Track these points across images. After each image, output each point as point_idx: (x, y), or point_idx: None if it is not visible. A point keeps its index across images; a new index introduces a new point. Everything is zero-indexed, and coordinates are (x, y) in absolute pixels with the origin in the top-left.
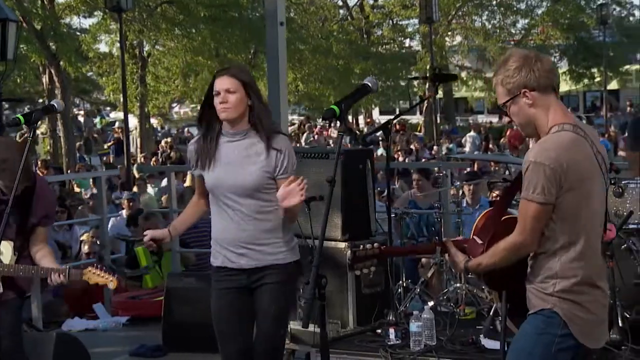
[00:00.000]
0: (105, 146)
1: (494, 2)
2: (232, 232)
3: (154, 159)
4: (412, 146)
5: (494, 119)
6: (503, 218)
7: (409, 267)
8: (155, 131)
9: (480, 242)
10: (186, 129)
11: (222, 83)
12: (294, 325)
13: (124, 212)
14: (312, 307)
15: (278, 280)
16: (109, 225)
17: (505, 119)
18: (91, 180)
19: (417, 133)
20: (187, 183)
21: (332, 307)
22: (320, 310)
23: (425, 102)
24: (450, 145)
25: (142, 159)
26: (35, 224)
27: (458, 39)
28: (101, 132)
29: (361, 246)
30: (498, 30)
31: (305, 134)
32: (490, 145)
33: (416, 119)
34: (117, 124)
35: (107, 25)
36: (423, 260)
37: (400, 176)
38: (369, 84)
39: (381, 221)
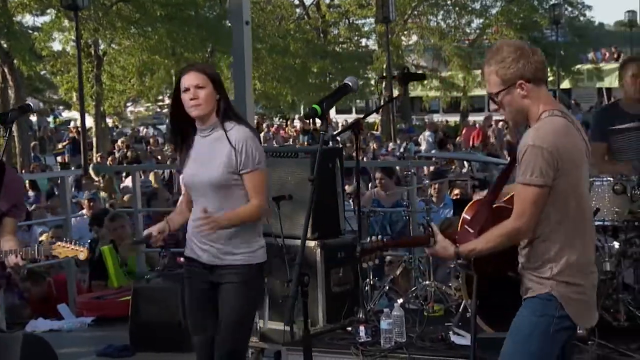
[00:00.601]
0: (60, 145)
1: (449, 2)
2: (196, 223)
3: (110, 158)
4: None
5: (449, 118)
6: (495, 206)
7: (375, 265)
8: (111, 130)
9: (471, 231)
10: (141, 128)
11: (191, 79)
12: (263, 325)
13: (85, 212)
14: (295, 305)
15: (237, 280)
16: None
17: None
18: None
19: (374, 132)
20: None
21: (300, 306)
22: (303, 308)
23: (383, 101)
24: (408, 145)
25: (99, 159)
26: (4, 213)
27: (414, 38)
28: (55, 131)
29: (368, 239)
30: (453, 30)
31: (263, 133)
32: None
33: (372, 118)
34: (72, 124)
35: (60, 23)
36: (388, 258)
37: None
38: (350, 84)
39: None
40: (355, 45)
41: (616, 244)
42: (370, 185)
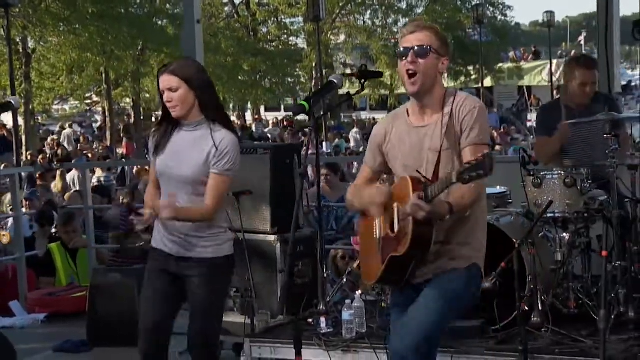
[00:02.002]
0: None
1: (376, 2)
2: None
3: (41, 156)
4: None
5: (377, 115)
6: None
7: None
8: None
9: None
10: (67, 125)
11: (163, 82)
12: (224, 318)
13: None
14: (288, 294)
15: (205, 273)
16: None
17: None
18: None
19: (306, 129)
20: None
21: (260, 299)
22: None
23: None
24: (339, 141)
25: (29, 157)
26: None
27: (342, 37)
28: None
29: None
30: (380, 29)
31: None
32: None
33: (302, 116)
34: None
35: None
36: (340, 253)
37: None
38: (335, 81)
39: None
40: (285, 44)
41: (566, 235)
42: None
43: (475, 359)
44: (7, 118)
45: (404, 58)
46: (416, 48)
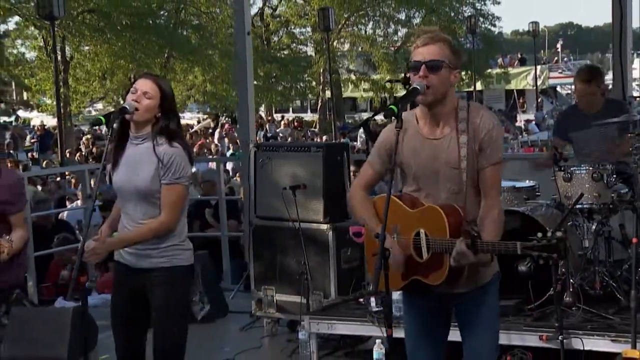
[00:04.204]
0: (28, 143)
1: (378, 14)
2: (124, 231)
3: (78, 154)
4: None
5: (377, 117)
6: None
7: None
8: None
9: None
10: (97, 127)
11: (143, 84)
12: (280, 297)
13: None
14: (379, 276)
15: (164, 282)
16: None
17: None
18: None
19: (313, 129)
20: None
21: (314, 281)
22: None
23: (320, 101)
24: (344, 140)
25: (67, 155)
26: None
27: (347, 45)
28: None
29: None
30: (382, 38)
31: (217, 131)
32: None
33: (309, 116)
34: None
35: (23, 31)
36: None
37: None
38: (418, 87)
39: None
40: (294, 52)
41: (592, 225)
42: None
43: (515, 334)
44: (45, 120)
45: (415, 71)
46: (428, 62)
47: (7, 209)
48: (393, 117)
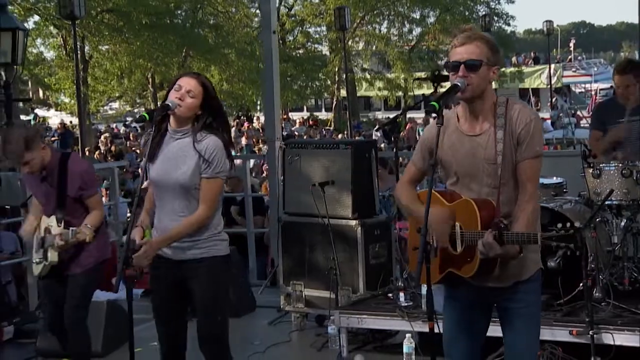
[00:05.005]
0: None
1: (392, 13)
2: (163, 224)
3: (97, 152)
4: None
5: (391, 115)
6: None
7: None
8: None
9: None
10: (114, 125)
11: (187, 82)
12: (309, 292)
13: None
14: (421, 270)
15: (202, 272)
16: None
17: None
18: None
19: (328, 128)
20: None
21: (343, 276)
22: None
23: (335, 100)
24: (359, 138)
25: (87, 152)
26: (76, 197)
27: (361, 44)
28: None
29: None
30: (397, 37)
31: (233, 128)
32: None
33: (324, 115)
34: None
35: (42, 30)
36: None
37: None
38: (459, 84)
39: None
40: (309, 51)
41: (621, 221)
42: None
43: (545, 329)
44: (66, 118)
45: (454, 71)
46: (467, 62)
47: (83, 194)
48: (434, 114)
